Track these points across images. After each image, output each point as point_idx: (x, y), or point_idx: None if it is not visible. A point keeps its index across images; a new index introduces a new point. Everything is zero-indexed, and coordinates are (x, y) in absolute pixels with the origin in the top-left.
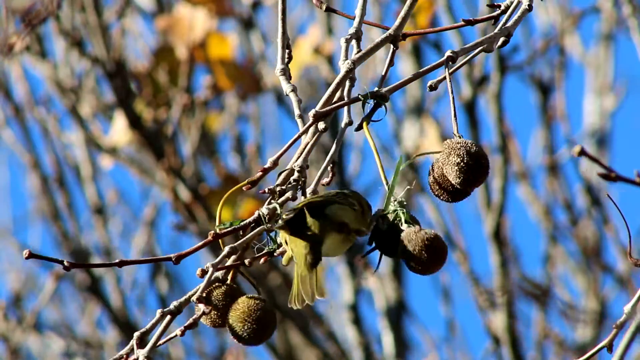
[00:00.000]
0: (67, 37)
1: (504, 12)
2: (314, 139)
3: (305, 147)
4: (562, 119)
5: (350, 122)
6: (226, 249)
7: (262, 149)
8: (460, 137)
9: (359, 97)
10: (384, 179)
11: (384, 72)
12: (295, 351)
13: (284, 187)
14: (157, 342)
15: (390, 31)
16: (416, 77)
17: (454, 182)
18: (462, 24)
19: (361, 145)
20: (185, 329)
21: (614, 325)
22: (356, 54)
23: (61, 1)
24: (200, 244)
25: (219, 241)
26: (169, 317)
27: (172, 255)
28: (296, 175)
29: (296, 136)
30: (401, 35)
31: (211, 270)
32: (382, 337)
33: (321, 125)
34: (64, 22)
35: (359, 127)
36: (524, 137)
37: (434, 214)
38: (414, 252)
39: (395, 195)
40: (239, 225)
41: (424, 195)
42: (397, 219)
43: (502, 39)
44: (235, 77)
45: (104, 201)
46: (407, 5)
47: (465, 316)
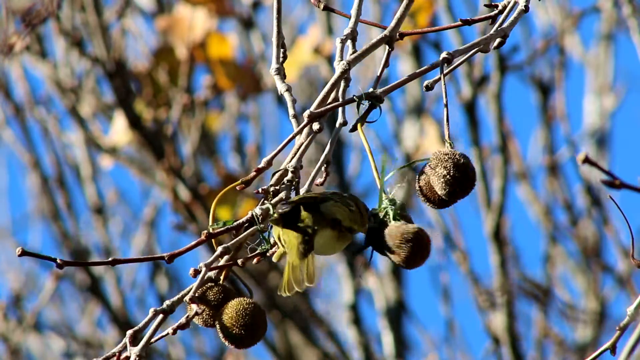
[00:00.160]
0: (67, 37)
1: (501, 12)
2: (308, 140)
3: (299, 147)
4: (562, 119)
5: (345, 123)
6: (219, 249)
7: (262, 149)
8: (451, 145)
9: (354, 98)
10: (377, 178)
11: (379, 73)
12: (295, 351)
13: (278, 187)
14: (150, 340)
15: (385, 32)
16: (411, 78)
17: (439, 193)
18: (460, 23)
19: (361, 145)
20: (177, 328)
21: (617, 327)
22: (351, 55)
23: (61, 1)
24: (193, 243)
25: (212, 241)
26: (161, 316)
27: (165, 254)
28: (290, 175)
29: (290, 136)
30: (399, 35)
31: (204, 270)
32: (382, 337)
33: (316, 125)
34: (64, 22)
35: (354, 128)
36: (524, 137)
37: (434, 214)
38: (394, 248)
39: (387, 193)
40: (232, 225)
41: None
42: (387, 216)
43: (498, 40)
44: (235, 77)
45: (104, 201)
46: (403, 6)
47: (465, 316)
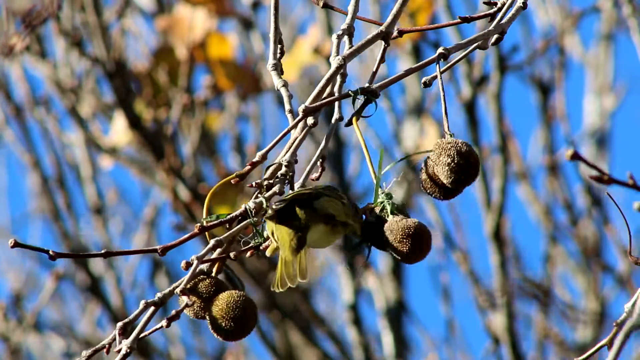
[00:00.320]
0: (67, 37)
1: (500, 9)
2: (302, 134)
3: (294, 141)
4: (562, 119)
5: (340, 118)
6: (211, 242)
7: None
8: (451, 136)
9: (349, 92)
10: (372, 172)
11: (374, 69)
12: (295, 351)
13: (272, 181)
14: (141, 333)
15: (382, 28)
16: (408, 73)
17: (445, 181)
18: (459, 21)
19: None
20: (169, 320)
21: (614, 323)
22: (347, 50)
23: (61, 2)
24: (186, 236)
25: (206, 234)
26: (152, 308)
27: (158, 247)
28: (284, 169)
29: (285, 131)
30: (398, 32)
31: (195, 262)
32: (382, 337)
33: (310, 120)
34: (64, 22)
35: (349, 123)
36: (524, 137)
37: (434, 214)
38: (396, 242)
39: (383, 187)
40: (226, 218)
41: (423, 195)
42: (384, 211)
43: (495, 36)
44: (235, 77)
45: (104, 201)
46: (399, 2)
47: (465, 316)
